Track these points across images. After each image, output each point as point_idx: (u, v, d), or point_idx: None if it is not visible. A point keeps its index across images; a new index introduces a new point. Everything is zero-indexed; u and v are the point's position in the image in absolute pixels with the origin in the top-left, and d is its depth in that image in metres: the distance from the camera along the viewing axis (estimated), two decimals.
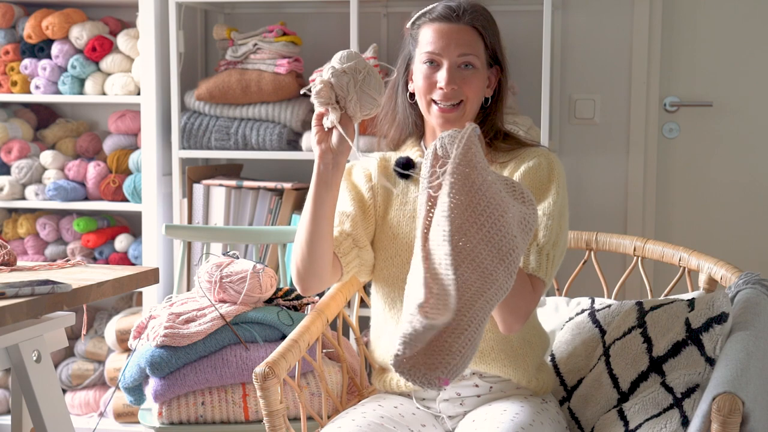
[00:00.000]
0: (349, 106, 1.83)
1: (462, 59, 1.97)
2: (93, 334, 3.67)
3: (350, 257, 2.03)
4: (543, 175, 1.99)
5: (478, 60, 1.98)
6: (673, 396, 1.88)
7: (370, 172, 2.12)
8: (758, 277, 2.08)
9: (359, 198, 2.09)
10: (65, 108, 3.85)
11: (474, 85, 1.98)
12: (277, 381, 1.93)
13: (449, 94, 1.96)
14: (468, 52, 1.97)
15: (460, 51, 1.96)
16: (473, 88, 1.98)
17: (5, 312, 1.91)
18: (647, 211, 3.51)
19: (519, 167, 2.01)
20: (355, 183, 2.12)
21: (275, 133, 3.31)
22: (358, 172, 2.13)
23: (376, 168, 2.11)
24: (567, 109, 3.53)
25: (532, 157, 2.02)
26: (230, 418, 2.51)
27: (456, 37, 1.96)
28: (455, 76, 1.96)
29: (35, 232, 3.65)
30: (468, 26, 1.97)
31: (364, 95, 1.83)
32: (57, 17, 3.50)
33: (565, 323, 2.26)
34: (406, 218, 2.05)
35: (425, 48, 1.98)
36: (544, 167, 2.00)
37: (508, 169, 2.02)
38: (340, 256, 2.01)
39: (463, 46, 1.96)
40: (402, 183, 2.08)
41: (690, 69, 3.50)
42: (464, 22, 1.97)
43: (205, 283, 2.59)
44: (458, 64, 1.97)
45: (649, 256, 2.38)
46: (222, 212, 3.34)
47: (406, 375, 1.64)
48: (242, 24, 3.65)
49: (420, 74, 2.00)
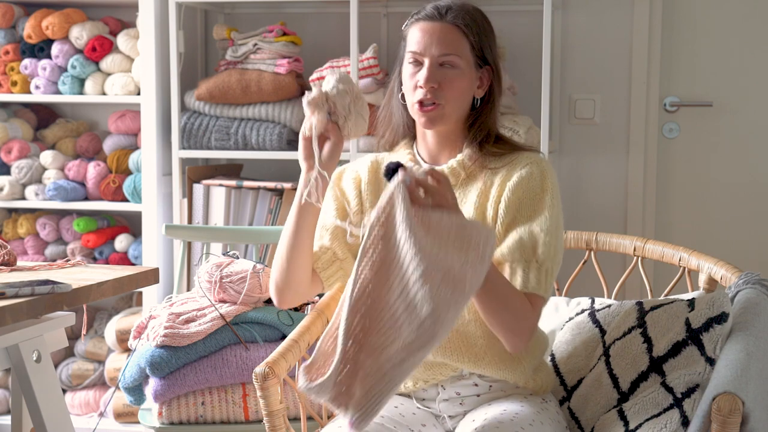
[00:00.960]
0: (346, 125, 1.88)
1: (443, 58, 1.94)
2: (93, 334, 3.67)
3: (330, 271, 2.03)
4: (536, 185, 1.96)
5: (462, 60, 1.95)
6: (673, 396, 1.88)
7: (360, 176, 2.10)
8: (758, 277, 2.08)
9: (343, 206, 2.07)
10: (65, 108, 3.85)
11: (455, 86, 1.95)
12: (277, 381, 1.93)
13: (428, 93, 1.94)
14: (449, 51, 1.95)
15: (441, 50, 1.94)
16: (454, 89, 1.95)
17: (5, 312, 1.91)
18: (647, 211, 3.51)
19: (511, 176, 1.98)
20: (342, 190, 2.09)
21: (275, 133, 3.31)
22: (348, 177, 2.11)
23: (367, 173, 2.08)
24: (567, 109, 3.53)
25: (523, 164, 1.98)
26: (230, 418, 2.51)
27: (438, 36, 1.95)
28: (435, 75, 1.94)
29: (35, 232, 3.65)
30: (451, 25, 1.95)
31: (359, 117, 1.90)
32: (57, 17, 3.50)
33: (565, 323, 2.26)
34: None
35: (410, 48, 1.98)
36: (536, 176, 1.97)
37: (500, 177, 1.99)
38: (320, 272, 2.01)
39: (444, 46, 1.94)
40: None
41: (690, 69, 3.50)
42: (448, 20, 1.95)
43: (205, 283, 2.59)
44: (439, 62, 1.95)
45: (649, 256, 2.37)
46: (222, 212, 3.34)
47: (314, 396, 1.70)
48: (242, 24, 3.65)
49: (405, 74, 1.99)
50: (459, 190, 2.01)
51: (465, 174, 2.01)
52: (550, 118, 3.22)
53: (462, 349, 1.97)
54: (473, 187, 2.00)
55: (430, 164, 2.05)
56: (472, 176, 2.01)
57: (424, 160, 2.06)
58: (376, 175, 2.09)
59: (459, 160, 2.01)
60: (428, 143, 2.05)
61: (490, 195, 1.98)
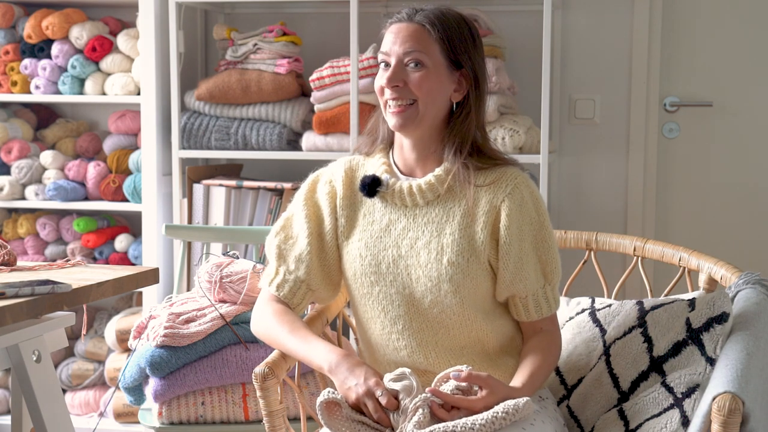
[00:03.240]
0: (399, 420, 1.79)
1: (409, 57, 1.92)
2: (93, 334, 3.67)
3: (303, 304, 2.06)
4: (530, 210, 1.95)
5: (428, 58, 1.92)
6: (674, 396, 1.88)
7: (335, 188, 2.06)
8: (758, 277, 2.08)
9: (317, 227, 2.04)
10: (65, 108, 3.85)
11: (423, 84, 1.91)
12: (276, 381, 1.93)
13: (393, 93, 1.92)
14: (413, 48, 1.92)
15: (405, 48, 1.92)
16: (422, 87, 1.91)
17: (5, 312, 1.91)
18: (647, 211, 3.51)
19: (499, 203, 1.93)
20: (317, 205, 2.06)
21: (275, 133, 3.31)
22: (323, 189, 2.07)
23: (342, 186, 2.05)
24: (567, 109, 3.53)
25: (509, 186, 1.94)
26: (230, 418, 2.51)
27: (403, 34, 1.93)
28: (398, 74, 1.92)
29: (35, 232, 3.65)
30: (417, 24, 1.93)
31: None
32: (57, 17, 3.50)
33: (566, 323, 2.26)
34: (374, 238, 1.99)
35: (380, 50, 1.97)
36: (528, 200, 1.95)
37: (487, 199, 1.94)
38: (293, 306, 2.04)
39: (409, 43, 1.92)
40: (368, 201, 2.02)
41: (690, 69, 3.50)
42: (415, 21, 1.94)
43: (205, 283, 2.59)
44: (405, 61, 1.93)
45: (649, 256, 2.37)
46: (222, 212, 3.34)
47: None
48: (242, 24, 3.65)
49: (376, 78, 1.98)
50: (439, 206, 1.97)
51: (445, 189, 1.96)
52: (550, 118, 3.22)
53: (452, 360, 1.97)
54: (456, 205, 1.96)
55: (406, 176, 2.01)
56: (452, 191, 1.97)
57: (400, 170, 2.02)
58: (351, 188, 2.05)
59: (437, 175, 1.96)
60: (405, 153, 2.01)
61: (477, 218, 1.94)
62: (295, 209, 2.08)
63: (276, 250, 2.07)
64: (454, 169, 1.95)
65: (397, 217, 1.99)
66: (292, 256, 2.04)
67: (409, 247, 1.96)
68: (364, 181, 2.00)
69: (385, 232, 1.99)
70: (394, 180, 2.00)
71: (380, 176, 2.00)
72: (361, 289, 2.00)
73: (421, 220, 1.97)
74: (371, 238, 1.99)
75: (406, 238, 1.97)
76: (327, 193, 2.06)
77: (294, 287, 2.03)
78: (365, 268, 1.98)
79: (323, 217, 2.05)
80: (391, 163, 2.04)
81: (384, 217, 2.00)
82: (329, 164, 2.12)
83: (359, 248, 1.99)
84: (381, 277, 1.97)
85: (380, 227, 1.99)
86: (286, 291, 2.04)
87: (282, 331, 1.98)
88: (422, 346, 1.96)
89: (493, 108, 3.11)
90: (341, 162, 2.09)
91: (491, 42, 3.18)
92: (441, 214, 1.96)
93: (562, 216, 3.52)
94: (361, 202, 2.03)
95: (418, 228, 1.97)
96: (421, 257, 1.94)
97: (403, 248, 1.96)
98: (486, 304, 1.98)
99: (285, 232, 2.07)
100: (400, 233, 1.97)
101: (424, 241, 1.95)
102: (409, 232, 1.97)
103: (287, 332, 1.97)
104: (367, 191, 2.00)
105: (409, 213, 1.98)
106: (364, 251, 1.98)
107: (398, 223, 1.98)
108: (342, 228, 2.03)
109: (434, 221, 1.96)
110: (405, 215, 1.98)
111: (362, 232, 2.00)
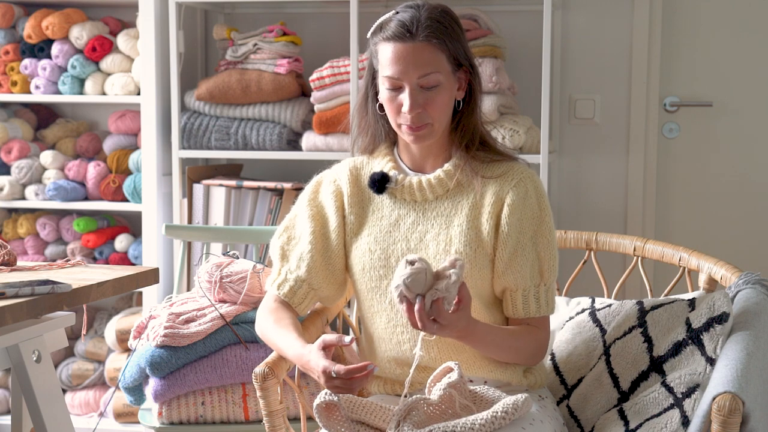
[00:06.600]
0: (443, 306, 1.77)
1: (423, 81, 1.89)
2: (93, 334, 3.67)
3: (305, 303, 2.05)
4: (533, 205, 1.96)
5: (442, 75, 1.90)
6: (674, 396, 1.88)
7: (340, 187, 2.06)
8: (758, 277, 2.08)
9: (320, 227, 2.04)
10: (65, 108, 3.85)
11: (439, 104, 1.91)
12: (276, 381, 1.93)
13: (415, 119, 1.91)
14: (428, 71, 1.89)
15: (420, 73, 1.88)
16: (439, 107, 1.91)
17: (5, 312, 1.91)
18: (647, 211, 3.51)
19: (504, 195, 1.95)
20: (320, 205, 2.06)
21: (275, 133, 3.31)
22: (327, 189, 2.07)
23: (348, 184, 2.05)
24: (567, 109, 3.53)
25: (515, 179, 1.96)
26: (230, 418, 2.51)
27: (414, 59, 1.88)
28: (418, 100, 1.90)
29: (35, 232, 3.65)
30: (425, 43, 1.88)
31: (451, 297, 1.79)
32: (57, 17, 3.50)
33: (566, 323, 2.26)
34: (383, 233, 2.00)
35: (385, 72, 1.91)
36: (532, 195, 1.96)
37: (493, 190, 1.96)
38: (295, 306, 2.04)
39: (422, 67, 1.88)
40: (376, 198, 2.03)
41: (690, 69, 3.50)
42: (420, 39, 1.88)
43: (205, 283, 2.59)
44: (420, 85, 1.90)
45: (649, 256, 2.37)
46: (222, 212, 3.34)
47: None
48: (242, 24, 3.65)
49: (384, 97, 1.94)
50: (448, 200, 1.98)
51: (454, 183, 1.98)
52: (550, 118, 3.22)
53: (453, 357, 1.97)
54: (464, 197, 1.98)
55: (414, 172, 2.03)
56: (461, 185, 1.98)
57: (408, 167, 2.04)
58: (358, 186, 2.05)
59: (446, 170, 1.98)
60: (412, 150, 2.02)
61: (484, 209, 1.96)
62: (299, 210, 2.09)
63: (279, 251, 2.08)
64: (463, 164, 1.97)
65: (407, 212, 2.00)
66: (294, 256, 2.04)
67: (419, 240, 1.98)
68: (373, 178, 2.02)
69: (395, 226, 2.00)
70: (403, 176, 2.01)
71: (388, 173, 2.01)
72: (369, 283, 2.01)
73: (430, 214, 1.99)
74: (380, 233, 2.01)
75: (415, 231, 1.98)
76: (332, 192, 2.06)
77: (295, 286, 2.03)
78: (374, 262, 1.99)
79: (327, 216, 2.05)
80: (398, 160, 2.05)
81: (393, 213, 2.01)
82: (332, 166, 2.13)
83: (368, 243, 2.01)
84: (390, 271, 1.98)
85: (389, 222, 2.01)
86: (287, 290, 2.04)
87: (268, 325, 2.01)
88: (425, 341, 1.96)
89: (493, 108, 3.11)
90: (345, 163, 2.11)
91: (491, 42, 3.18)
92: (450, 208, 1.98)
93: (562, 216, 3.52)
94: (370, 200, 2.04)
95: (427, 222, 1.98)
96: (430, 249, 1.96)
97: (413, 242, 1.98)
98: (491, 297, 2.00)
99: (288, 233, 2.09)
100: (409, 227, 1.99)
101: (432, 234, 1.97)
102: (418, 226, 1.99)
103: (271, 325, 2.00)
104: (376, 188, 2.01)
105: (419, 207, 2.00)
106: (374, 245, 2.00)
107: (407, 217, 2.00)
108: (351, 225, 2.04)
109: (443, 214, 1.98)
110: (414, 210, 2.00)
111: (371, 228, 2.02)
